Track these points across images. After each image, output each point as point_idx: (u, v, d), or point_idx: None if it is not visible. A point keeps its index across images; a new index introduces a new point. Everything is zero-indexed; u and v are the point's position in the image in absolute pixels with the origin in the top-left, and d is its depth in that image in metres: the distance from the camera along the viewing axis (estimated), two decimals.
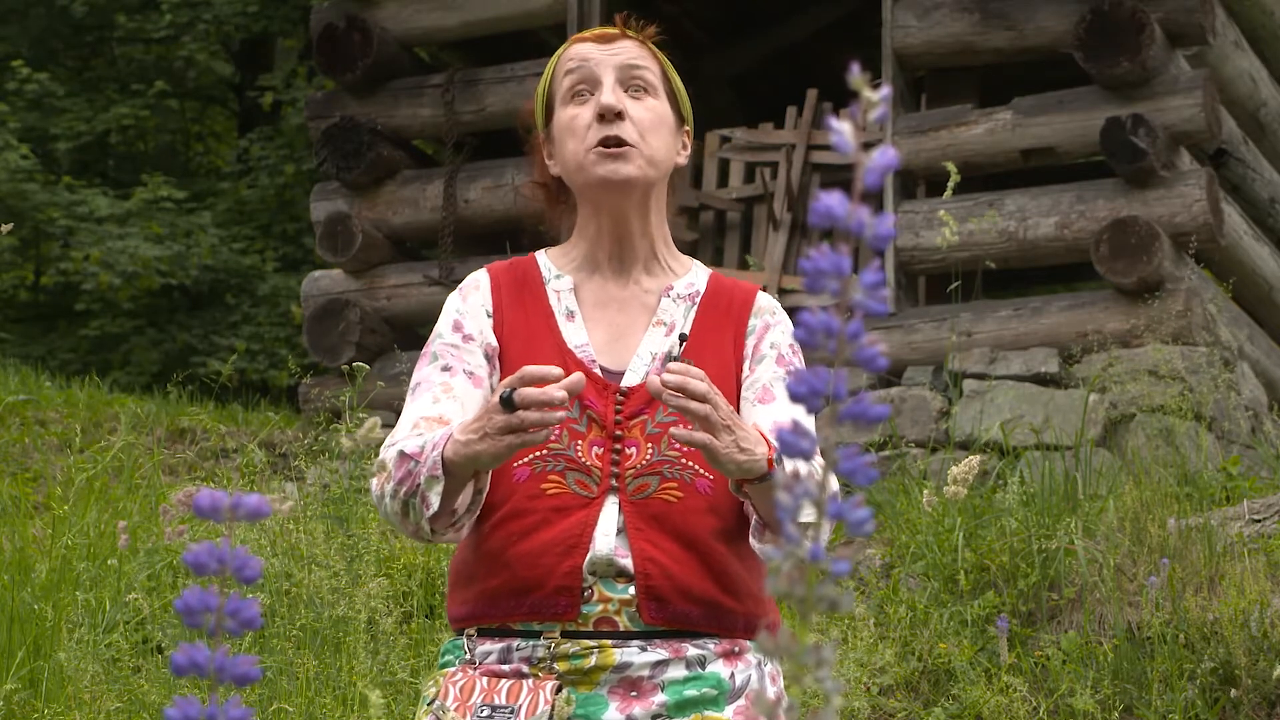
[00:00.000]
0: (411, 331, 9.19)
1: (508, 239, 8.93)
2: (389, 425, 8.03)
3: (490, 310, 2.49)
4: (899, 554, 5.72)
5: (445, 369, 2.44)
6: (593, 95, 2.47)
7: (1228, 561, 5.42)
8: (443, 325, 2.50)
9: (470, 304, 2.50)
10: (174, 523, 5.27)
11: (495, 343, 2.46)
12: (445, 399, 2.41)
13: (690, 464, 2.36)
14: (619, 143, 2.44)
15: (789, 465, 2.05)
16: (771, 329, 2.49)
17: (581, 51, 2.50)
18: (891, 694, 5.19)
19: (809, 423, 2.18)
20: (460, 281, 2.56)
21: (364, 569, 4.97)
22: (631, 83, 2.47)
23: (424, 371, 2.46)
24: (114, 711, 4.73)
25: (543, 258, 2.57)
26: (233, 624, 1.07)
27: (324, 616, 4.84)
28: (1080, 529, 5.58)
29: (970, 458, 4.71)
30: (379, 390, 6.81)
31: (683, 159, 2.55)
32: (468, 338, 2.47)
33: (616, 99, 2.45)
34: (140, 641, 5.23)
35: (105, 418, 8.98)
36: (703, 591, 2.34)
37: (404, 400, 2.50)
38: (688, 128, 2.56)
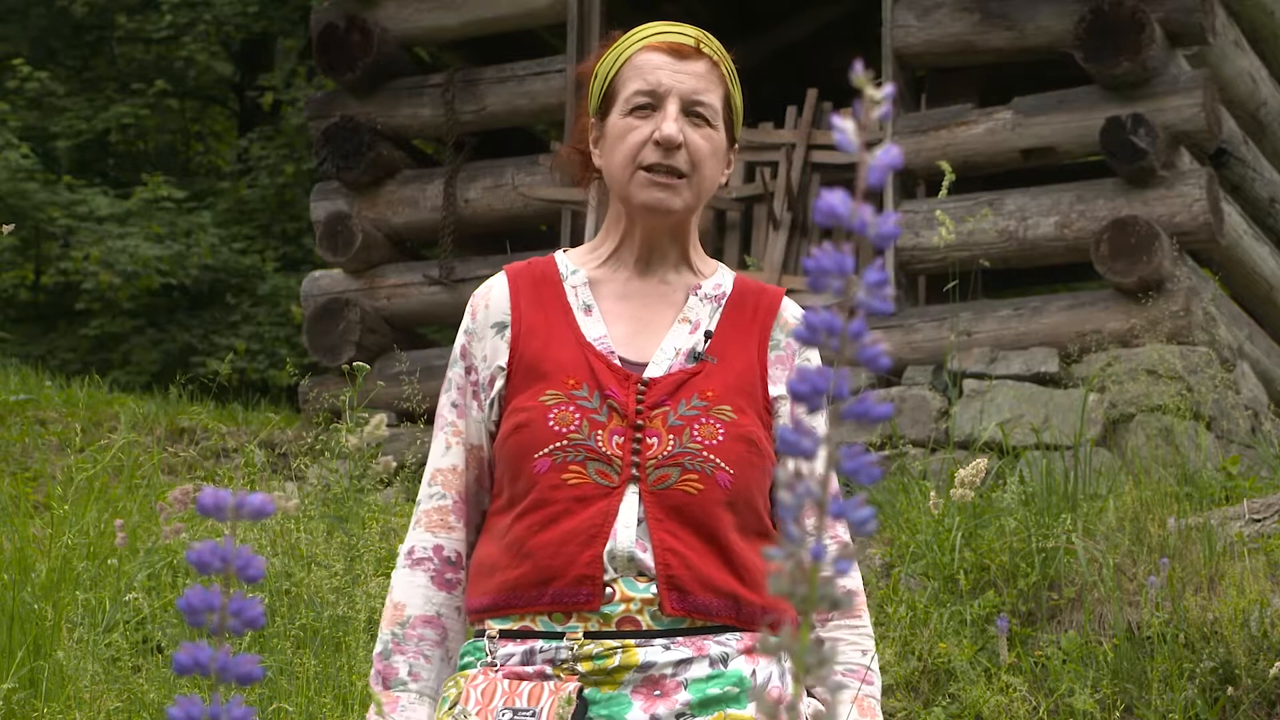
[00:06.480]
0: (411, 331, 9.18)
1: (508, 239, 8.93)
2: (391, 425, 8.03)
3: (507, 320, 2.49)
4: (899, 554, 5.72)
5: (453, 405, 2.50)
6: (655, 113, 2.45)
7: (1228, 561, 5.42)
8: (455, 346, 2.54)
9: (479, 322, 2.51)
10: (172, 521, 5.27)
11: (502, 362, 2.46)
12: (455, 444, 2.48)
13: (711, 457, 2.37)
14: (670, 172, 2.44)
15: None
16: (798, 354, 2.50)
17: (653, 62, 2.47)
18: (891, 694, 5.19)
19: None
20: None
21: (364, 569, 4.97)
22: (694, 110, 2.46)
23: (442, 400, 2.52)
24: (114, 711, 4.73)
25: (561, 257, 2.58)
26: (236, 623, 1.07)
27: (324, 616, 4.84)
28: (1080, 529, 5.57)
29: (978, 460, 4.70)
30: (379, 390, 6.81)
31: (725, 178, 2.55)
32: (468, 369, 2.50)
33: (677, 129, 2.44)
34: (140, 641, 5.23)
35: (105, 417, 8.98)
36: (723, 583, 2.35)
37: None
38: (736, 145, 2.56)
